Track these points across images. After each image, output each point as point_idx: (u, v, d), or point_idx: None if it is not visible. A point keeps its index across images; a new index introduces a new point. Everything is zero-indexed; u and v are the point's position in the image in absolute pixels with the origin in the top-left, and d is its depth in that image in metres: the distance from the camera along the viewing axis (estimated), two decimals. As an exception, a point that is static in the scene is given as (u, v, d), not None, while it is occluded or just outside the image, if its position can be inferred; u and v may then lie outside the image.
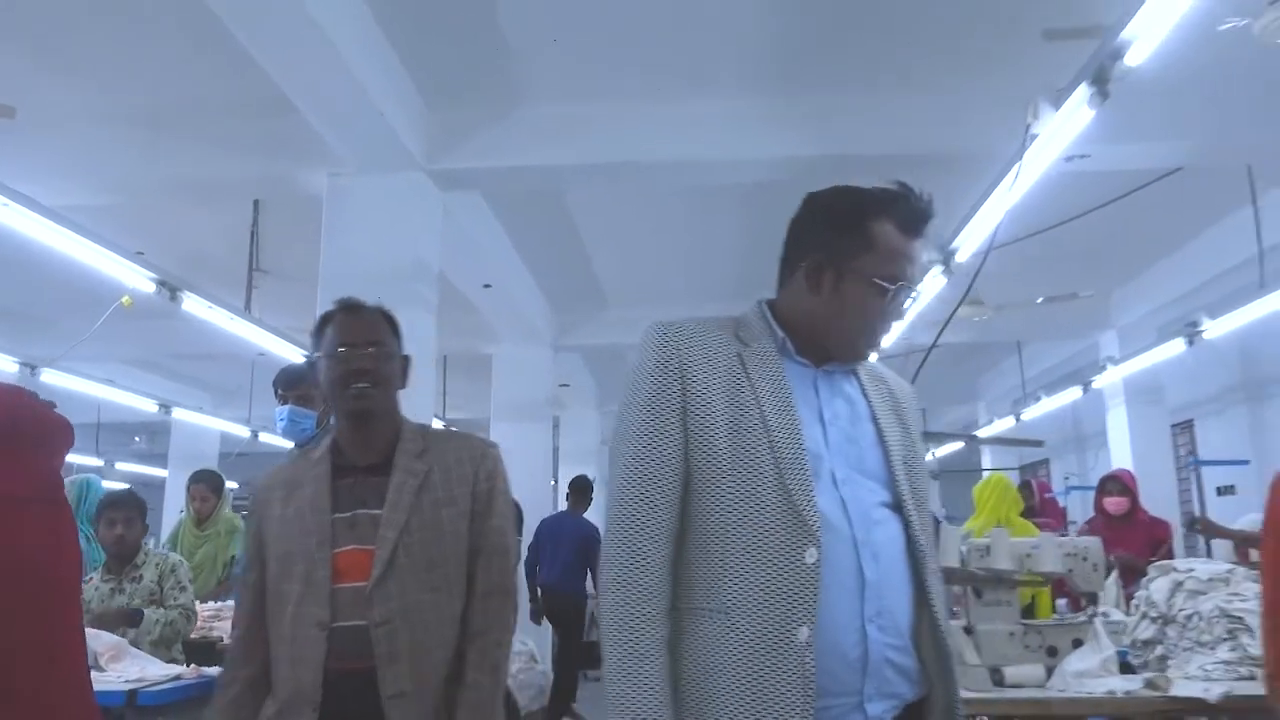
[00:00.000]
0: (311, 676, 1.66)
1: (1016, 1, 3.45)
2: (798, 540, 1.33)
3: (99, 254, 3.98)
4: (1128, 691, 2.63)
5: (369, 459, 1.81)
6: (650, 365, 1.45)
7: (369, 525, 1.74)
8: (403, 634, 1.68)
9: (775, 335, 1.50)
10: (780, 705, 1.29)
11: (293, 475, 1.83)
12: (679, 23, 3.76)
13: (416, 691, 1.67)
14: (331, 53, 3.37)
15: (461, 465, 1.83)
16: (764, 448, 1.39)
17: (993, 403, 11.37)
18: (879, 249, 1.45)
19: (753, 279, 7.31)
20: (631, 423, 1.44)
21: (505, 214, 5.72)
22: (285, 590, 1.72)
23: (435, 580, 1.74)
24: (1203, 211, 5.40)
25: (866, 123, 4.12)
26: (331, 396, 1.84)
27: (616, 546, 1.39)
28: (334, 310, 1.89)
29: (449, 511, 1.78)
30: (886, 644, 1.36)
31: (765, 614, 1.32)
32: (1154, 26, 2.48)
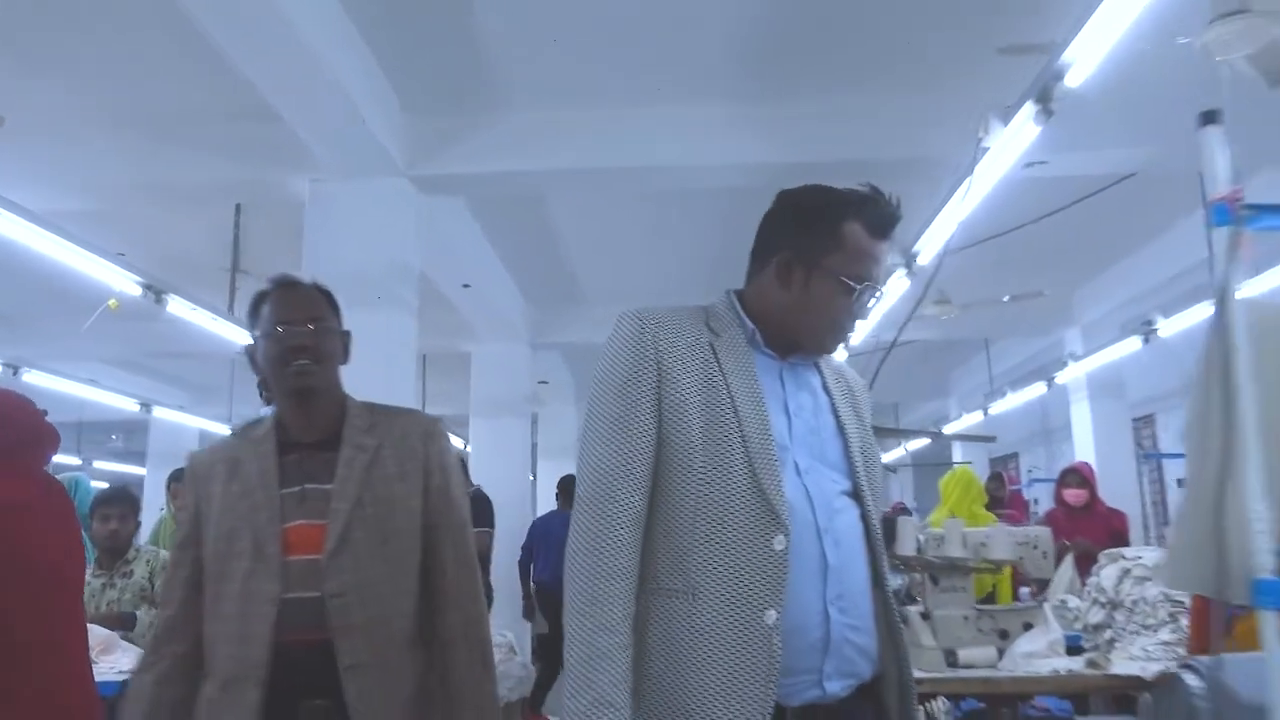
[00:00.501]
0: (258, 651, 1.61)
1: (974, 18, 3.61)
2: (766, 527, 1.38)
3: (85, 258, 4.05)
4: (1070, 670, 2.80)
5: (314, 435, 1.78)
6: (625, 350, 1.47)
7: (319, 500, 1.71)
8: (357, 607, 1.65)
9: (745, 326, 1.54)
10: (747, 683, 1.34)
11: (234, 453, 1.77)
12: (654, 32, 3.88)
13: (373, 662, 1.64)
14: (312, 60, 3.44)
15: (410, 441, 1.80)
16: (735, 437, 1.42)
17: (963, 397, 11.60)
18: (847, 249, 1.50)
19: (725, 278, 7.47)
20: (605, 405, 1.46)
21: (484, 215, 5.83)
22: (230, 568, 1.67)
23: (389, 554, 1.71)
24: (1159, 215, 5.60)
25: (832, 129, 4.26)
26: (272, 375, 1.78)
27: (585, 527, 1.41)
28: (269, 288, 1.84)
29: (401, 487, 1.76)
30: (846, 625, 1.42)
31: (733, 597, 1.37)
32: (1095, 47, 2.64)
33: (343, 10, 3.72)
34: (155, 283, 4.22)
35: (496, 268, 6.72)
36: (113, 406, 7.63)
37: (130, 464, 11.90)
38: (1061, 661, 2.90)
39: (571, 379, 10.64)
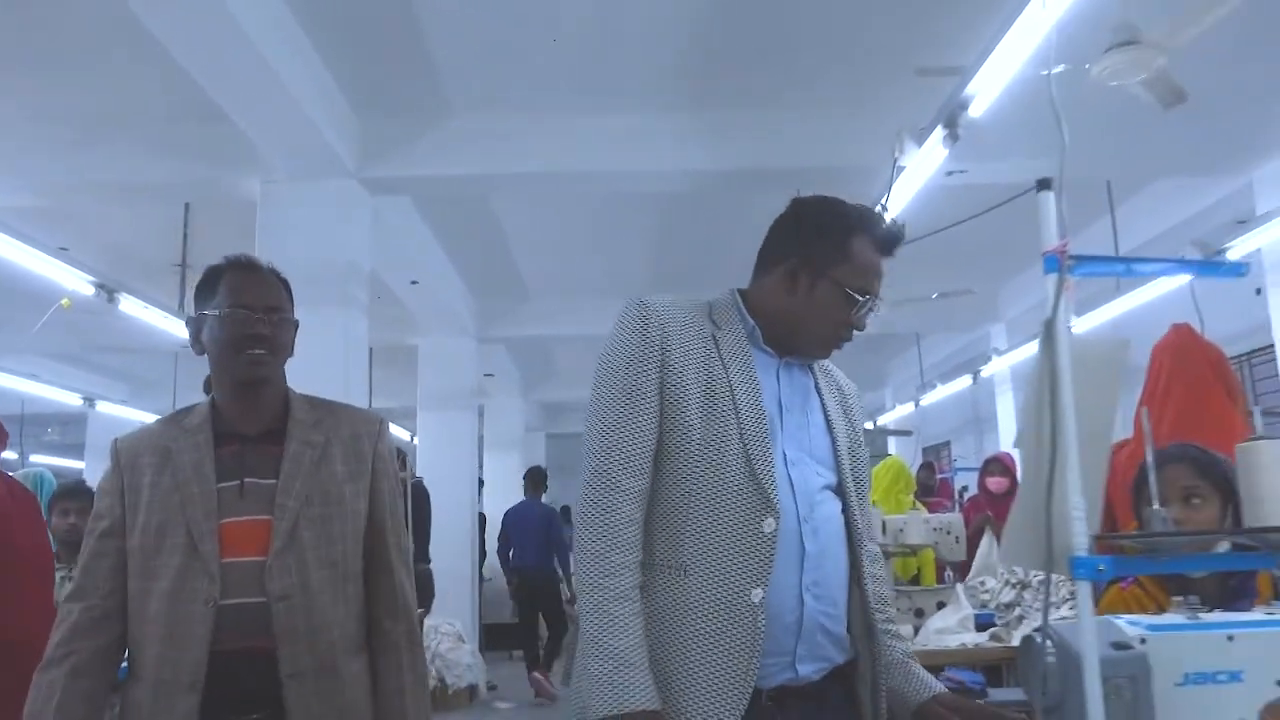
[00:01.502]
0: (193, 656, 1.49)
1: (895, 42, 3.87)
2: (758, 511, 1.43)
3: (30, 255, 4.11)
4: (977, 644, 3.08)
5: (255, 427, 1.67)
6: (632, 335, 1.51)
7: (260, 495, 1.60)
8: (302, 612, 1.55)
9: (746, 323, 1.58)
10: (732, 657, 1.39)
11: (164, 442, 1.64)
12: (596, 44, 4.07)
13: (314, 670, 1.55)
14: (262, 65, 3.53)
15: (359, 440, 1.72)
16: (732, 425, 1.47)
17: (898, 389, 12.00)
18: (855, 262, 1.55)
19: (662, 275, 7.82)
20: (611, 387, 1.50)
21: (431, 214, 5.96)
22: (157, 565, 1.55)
23: (334, 555, 1.62)
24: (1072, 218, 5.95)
25: (764, 140, 4.50)
26: (220, 359, 1.66)
27: (595, 502, 1.45)
28: (225, 265, 1.72)
29: (351, 488, 1.68)
30: (820, 611, 1.47)
31: (722, 574, 1.42)
32: (999, 75, 2.89)
33: (292, 16, 3.81)
34: (107, 281, 4.26)
35: (444, 264, 6.85)
36: (53, 400, 7.57)
37: (68, 457, 11.74)
38: (970, 636, 3.18)
39: (516, 372, 10.77)
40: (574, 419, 14.57)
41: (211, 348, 1.67)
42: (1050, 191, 1.25)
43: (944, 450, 12.99)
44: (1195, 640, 1.37)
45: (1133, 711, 1.29)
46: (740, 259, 1.76)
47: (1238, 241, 4.51)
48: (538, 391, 12.21)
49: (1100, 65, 3.34)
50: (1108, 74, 3.37)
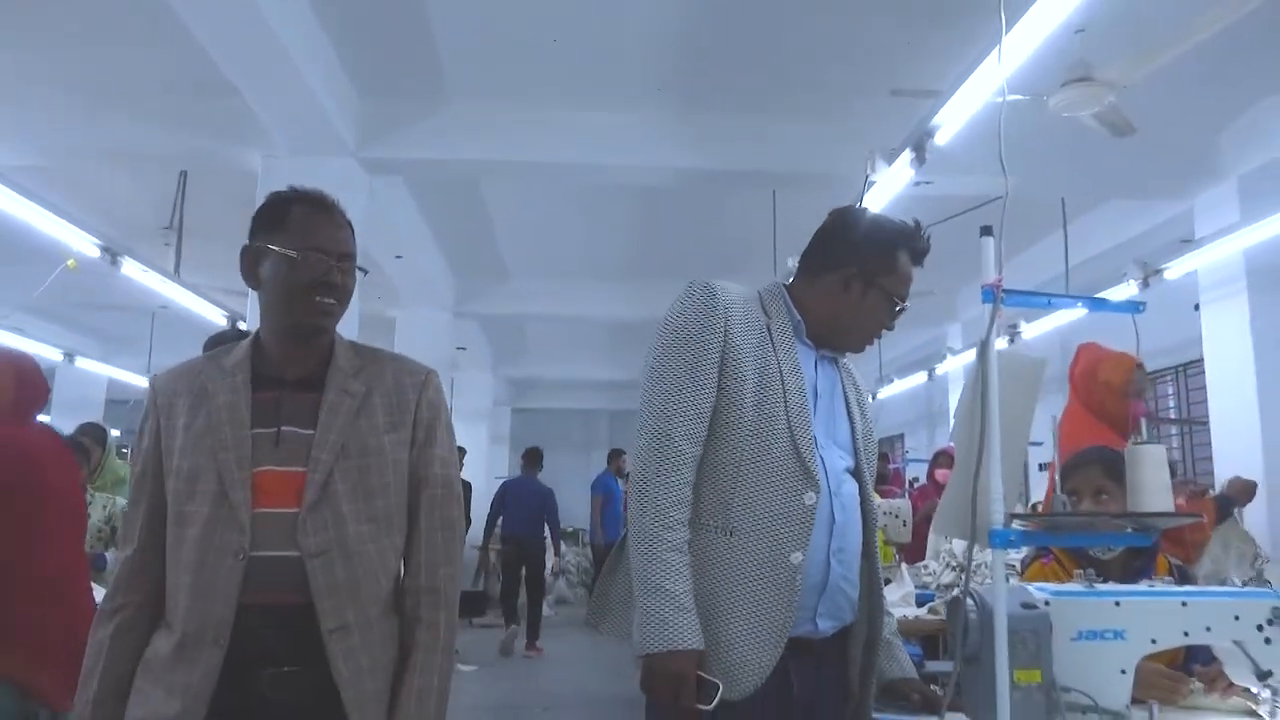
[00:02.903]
0: (220, 611, 1.42)
1: (872, 62, 4.17)
2: (801, 484, 1.60)
3: (42, 215, 4.26)
4: (915, 616, 3.41)
5: (298, 373, 1.58)
6: (701, 313, 1.64)
7: (297, 445, 1.51)
8: (341, 565, 1.47)
9: (793, 317, 1.74)
10: (772, 610, 1.55)
11: (201, 383, 1.55)
12: (592, 44, 4.30)
13: (358, 624, 1.47)
14: (273, 42, 3.70)
15: (403, 391, 1.61)
16: (780, 406, 1.63)
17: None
18: (898, 273, 1.75)
19: (640, 265, 8.12)
20: (677, 358, 1.63)
21: (420, 193, 6.17)
22: (189, 512, 1.48)
23: (374, 510, 1.53)
24: (1025, 233, 6.34)
25: (743, 144, 4.79)
26: (287, 301, 1.55)
27: (656, 461, 1.58)
28: (294, 197, 1.62)
29: (391, 438, 1.57)
30: (842, 575, 1.64)
31: (768, 538, 1.58)
32: (965, 105, 3.18)
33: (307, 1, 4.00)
34: (112, 245, 4.43)
35: (428, 241, 7.05)
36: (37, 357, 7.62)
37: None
38: (910, 610, 3.51)
39: (488, 346, 10.98)
40: (541, 395, 14.81)
41: (275, 287, 1.55)
42: (991, 237, 1.52)
43: (898, 442, 13.43)
44: (1089, 604, 1.69)
45: (1035, 658, 1.59)
46: (713, 251, 1.97)
47: (1175, 263, 4.88)
48: (507, 367, 12.43)
49: (1056, 98, 3.66)
50: (1063, 106, 3.70)
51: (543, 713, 5.77)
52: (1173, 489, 1.60)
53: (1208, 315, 5.17)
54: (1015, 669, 1.55)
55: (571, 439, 15.61)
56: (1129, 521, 1.52)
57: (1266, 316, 4.84)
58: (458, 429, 7.18)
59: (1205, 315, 5.17)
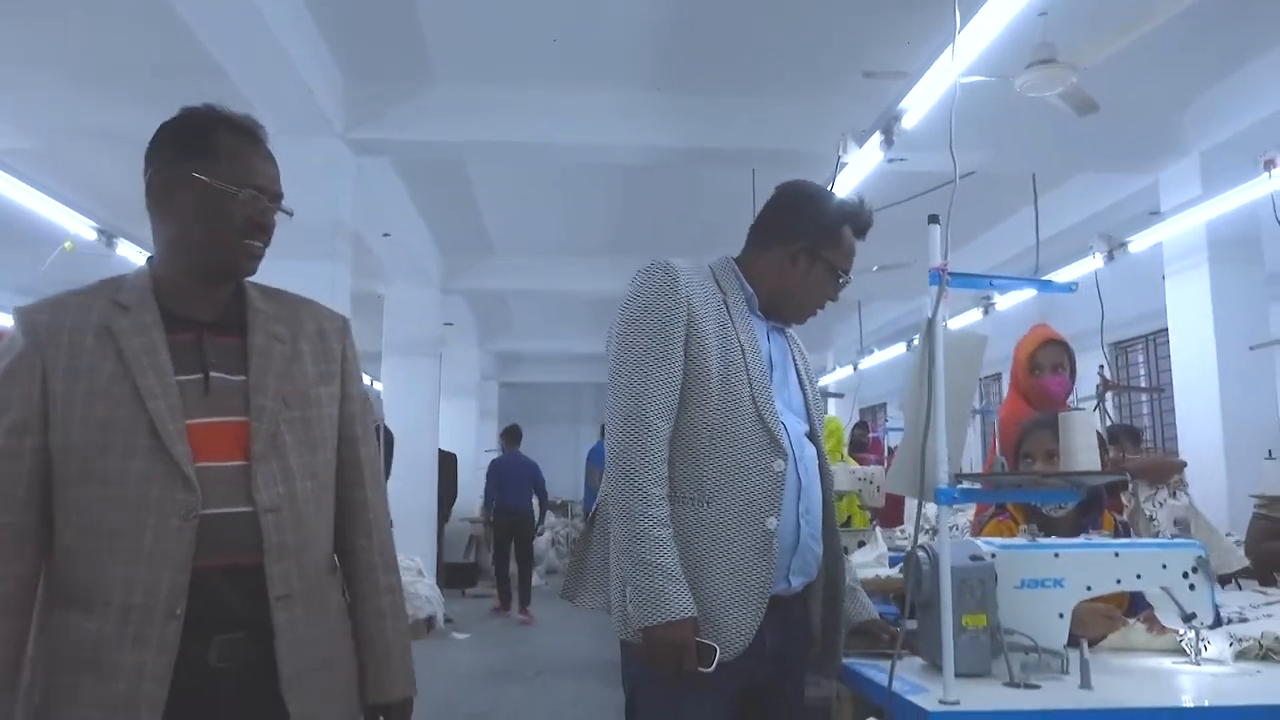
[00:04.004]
0: (171, 578, 1.27)
1: (846, 43, 4.31)
2: (770, 452, 1.69)
3: (38, 198, 4.35)
4: (887, 575, 3.60)
5: (212, 314, 1.42)
6: (664, 294, 1.70)
7: (231, 392, 1.37)
8: (291, 525, 1.37)
9: (745, 290, 1.82)
10: (753, 573, 1.65)
11: (101, 320, 1.34)
12: (573, 26, 4.40)
13: (303, 593, 1.38)
14: (261, 24, 3.77)
15: (327, 338, 1.51)
16: (743, 378, 1.71)
17: (839, 352, 12.59)
18: (843, 247, 1.84)
19: (621, 240, 8.29)
20: (643, 339, 1.69)
21: (407, 173, 6.27)
22: (106, 468, 1.29)
23: (315, 465, 1.43)
24: (998, 206, 6.51)
25: (722, 123, 4.92)
26: (212, 239, 1.39)
27: (630, 440, 1.64)
28: (223, 120, 1.43)
29: (325, 390, 1.48)
30: (809, 534, 1.75)
31: (743, 505, 1.66)
32: (932, 88, 3.32)
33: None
34: (108, 228, 4.52)
35: (415, 219, 7.16)
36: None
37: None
38: (883, 570, 3.69)
39: (475, 322, 11.10)
40: (526, 369, 14.96)
41: (197, 222, 1.38)
42: (937, 225, 1.67)
43: (880, 411, 13.66)
44: (1030, 556, 1.87)
45: (981, 604, 1.77)
46: (692, 228, 2.07)
47: (1139, 236, 5.06)
48: (494, 341, 12.56)
49: (1021, 79, 3.81)
50: (1028, 86, 3.84)
51: (535, 676, 5.97)
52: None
53: (1171, 286, 5.36)
54: (963, 614, 1.72)
55: (557, 412, 15.81)
56: (1061, 480, 1.69)
57: (1226, 287, 5.03)
58: (444, 404, 7.34)
59: (1169, 286, 5.36)
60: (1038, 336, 3.24)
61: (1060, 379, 3.16)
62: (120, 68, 4.67)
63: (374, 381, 9.19)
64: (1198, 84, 4.89)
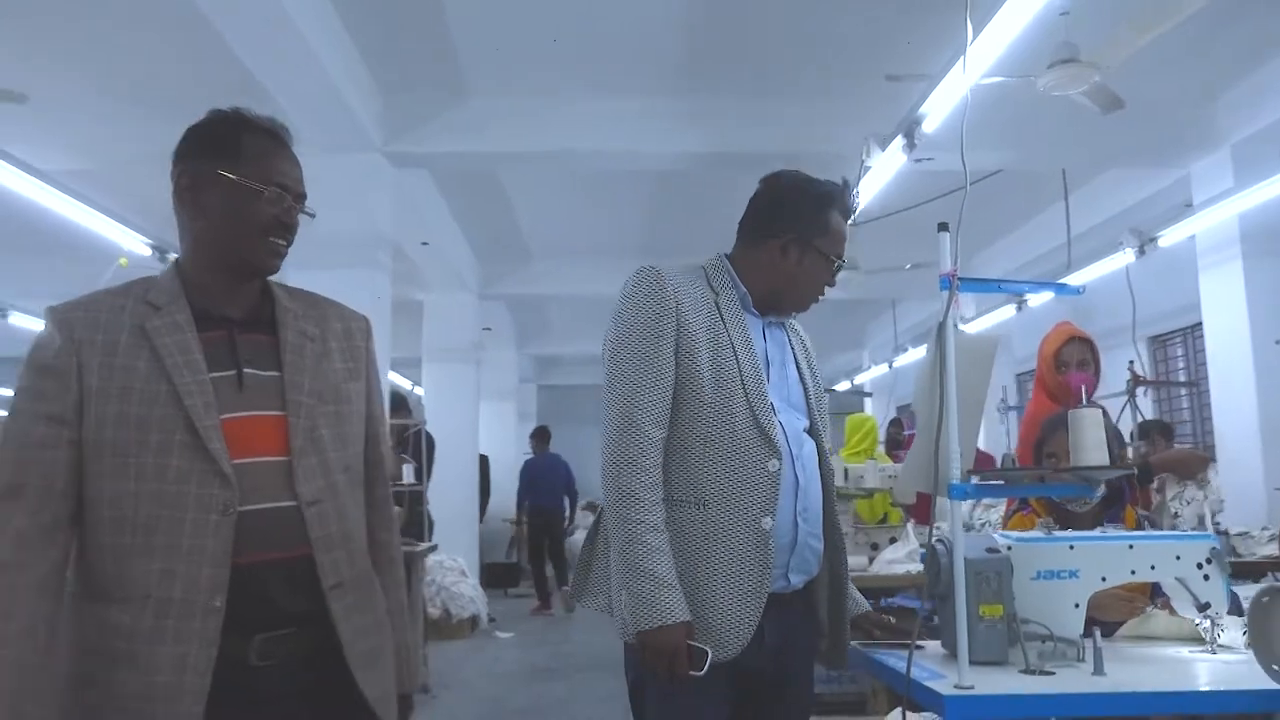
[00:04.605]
0: (209, 573, 1.28)
1: (870, 45, 4.37)
2: (764, 453, 1.70)
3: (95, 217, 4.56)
4: (918, 571, 3.66)
5: (242, 311, 1.45)
6: (651, 300, 1.71)
7: (266, 388, 1.40)
8: (334, 516, 1.40)
9: (739, 289, 1.82)
10: (750, 573, 1.66)
11: (135, 320, 1.37)
12: (603, 33, 4.51)
13: (353, 580, 1.41)
14: (303, 47, 3.94)
15: (353, 337, 1.55)
16: (736, 380, 1.71)
17: (875, 350, 12.59)
18: (832, 233, 1.83)
19: (654, 241, 8.41)
20: (634, 346, 1.71)
21: (444, 183, 6.43)
22: (143, 464, 1.30)
23: (348, 459, 1.46)
24: (1027, 204, 6.53)
25: (749, 127, 5.01)
26: (236, 236, 1.42)
27: (624, 447, 1.66)
28: (247, 123, 1.47)
29: (354, 387, 1.51)
30: (808, 532, 1.75)
31: (738, 506, 1.67)
32: (955, 89, 3.38)
33: (329, 2, 4.22)
34: (161, 243, 4.73)
35: (452, 227, 7.33)
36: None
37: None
38: (914, 566, 3.76)
39: (513, 326, 11.27)
40: (564, 372, 15.12)
41: (223, 220, 1.42)
42: (946, 232, 1.75)
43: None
44: (1046, 548, 1.93)
45: (998, 595, 1.84)
46: (723, 229, 2.08)
47: (1170, 230, 5.05)
48: (531, 345, 12.73)
49: (1044, 79, 3.84)
50: (1051, 86, 3.88)
51: (576, 673, 6.09)
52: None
53: (1205, 280, 5.34)
54: (981, 604, 1.79)
55: (595, 413, 15.81)
56: (1071, 475, 1.76)
57: (1260, 279, 5.01)
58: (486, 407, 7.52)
59: (1203, 279, 5.34)
60: (1062, 334, 3.29)
61: (1085, 375, 3.20)
62: (171, 93, 4.84)
63: (415, 386, 9.38)
64: (1227, 76, 4.87)
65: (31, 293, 7.69)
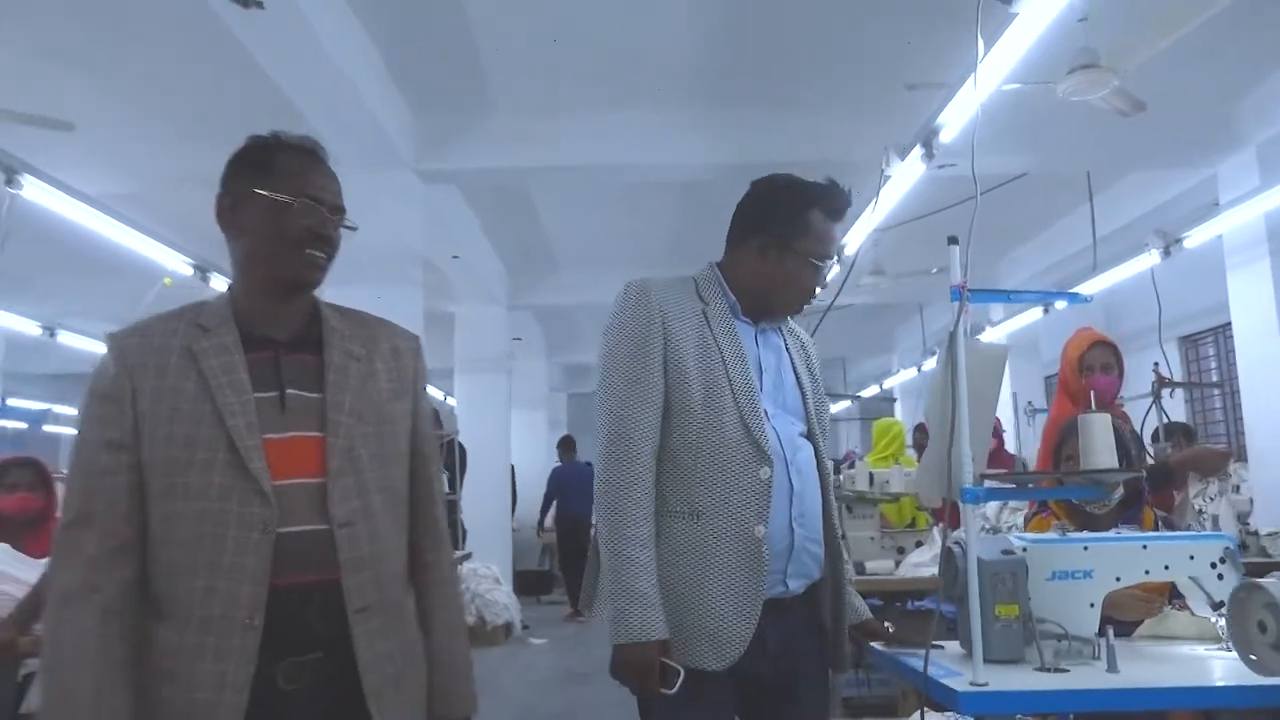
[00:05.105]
0: (249, 591, 1.30)
1: (889, 54, 4.42)
2: (755, 462, 1.70)
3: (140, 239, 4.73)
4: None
5: (289, 333, 1.47)
6: (636, 316, 1.73)
7: (307, 409, 1.41)
8: (366, 539, 1.40)
9: (728, 298, 1.82)
10: (744, 581, 1.67)
11: (180, 342, 1.40)
12: (627, 49, 4.60)
13: (380, 605, 1.40)
14: (336, 72, 4.07)
15: (401, 356, 1.56)
16: (726, 390, 1.72)
17: (904, 354, 12.56)
18: (812, 233, 1.80)
19: (679, 250, 8.53)
20: (621, 363, 1.72)
21: (473, 197, 6.56)
22: (188, 483, 1.34)
23: (389, 479, 1.46)
24: (1052, 207, 6.55)
25: (771, 137, 5.08)
26: (273, 252, 1.44)
27: (613, 465, 1.68)
28: (281, 143, 1.51)
29: (399, 407, 1.51)
30: (805, 537, 1.76)
31: (731, 516, 1.68)
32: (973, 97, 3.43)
33: (362, 27, 4.35)
34: (202, 263, 4.89)
35: (481, 240, 7.46)
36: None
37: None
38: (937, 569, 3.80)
39: (543, 336, 11.40)
40: (594, 380, 15.17)
41: (261, 236, 1.45)
42: (956, 245, 1.81)
43: (947, 412, 13.53)
44: (1060, 550, 1.99)
45: (1013, 595, 1.90)
46: None
47: (1195, 230, 5.05)
48: (561, 354, 12.85)
49: (1064, 85, 3.88)
50: (1071, 91, 3.91)
51: (609, 678, 6.13)
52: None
53: (1233, 279, 5.32)
54: (997, 604, 1.86)
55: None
56: (1081, 478, 1.82)
57: (1289, 279, 4.99)
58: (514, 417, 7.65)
59: (1231, 279, 5.32)
60: (1086, 339, 3.32)
61: (1110, 379, 3.24)
62: (211, 117, 5.00)
63: (447, 397, 9.52)
64: (1251, 76, 4.87)
65: (79, 312, 7.98)
